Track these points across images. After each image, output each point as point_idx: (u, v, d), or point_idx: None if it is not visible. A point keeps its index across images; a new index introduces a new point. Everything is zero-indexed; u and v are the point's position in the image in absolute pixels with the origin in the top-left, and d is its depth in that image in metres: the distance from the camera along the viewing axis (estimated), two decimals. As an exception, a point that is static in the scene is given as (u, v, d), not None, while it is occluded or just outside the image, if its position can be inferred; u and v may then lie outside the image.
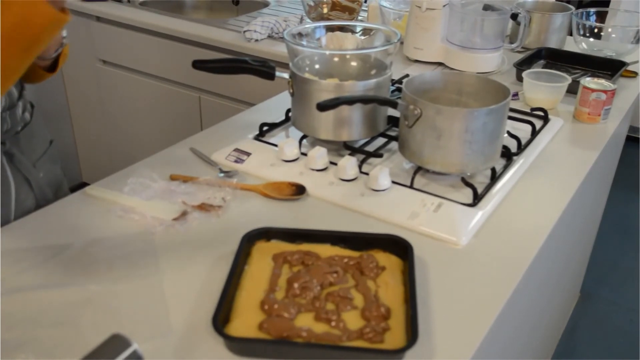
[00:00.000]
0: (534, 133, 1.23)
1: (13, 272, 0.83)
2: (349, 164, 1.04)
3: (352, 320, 0.74)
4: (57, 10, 0.77)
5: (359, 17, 2.02)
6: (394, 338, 0.71)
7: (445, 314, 0.78)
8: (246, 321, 0.73)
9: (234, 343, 0.70)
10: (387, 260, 0.84)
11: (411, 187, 1.03)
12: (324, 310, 0.74)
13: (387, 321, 0.73)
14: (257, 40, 1.88)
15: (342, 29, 1.29)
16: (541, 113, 1.31)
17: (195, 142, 1.18)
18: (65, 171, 1.19)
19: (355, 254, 0.85)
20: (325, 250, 0.86)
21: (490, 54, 1.57)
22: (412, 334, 0.69)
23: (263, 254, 0.85)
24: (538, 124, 1.28)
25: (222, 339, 0.70)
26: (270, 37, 1.92)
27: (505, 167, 1.10)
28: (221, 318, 0.71)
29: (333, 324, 0.72)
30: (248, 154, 1.12)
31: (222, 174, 1.07)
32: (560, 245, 1.23)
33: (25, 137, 1.05)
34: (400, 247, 0.85)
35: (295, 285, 0.78)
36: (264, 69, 1.14)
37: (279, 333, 0.71)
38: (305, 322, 0.73)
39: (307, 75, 1.12)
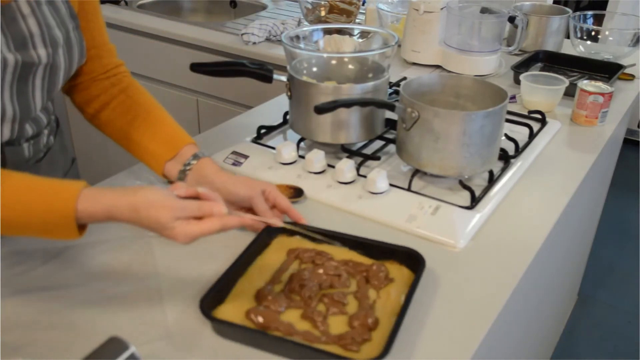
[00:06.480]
0: (532, 136, 1.23)
1: (11, 275, 0.83)
2: (346, 166, 1.04)
3: (338, 325, 0.73)
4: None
5: (357, 20, 2.02)
6: (372, 349, 0.69)
7: (443, 316, 0.78)
8: (237, 307, 0.75)
9: (216, 325, 0.72)
10: (399, 272, 0.83)
11: (409, 189, 1.03)
12: (312, 310, 0.75)
13: (371, 332, 0.72)
14: (254, 43, 1.88)
15: (339, 31, 1.29)
16: (539, 116, 1.32)
17: (193, 145, 1.18)
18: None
19: (369, 261, 0.84)
20: (341, 253, 0.86)
21: (487, 56, 1.57)
22: (385, 348, 0.66)
23: (280, 248, 0.87)
24: (535, 126, 1.28)
25: (221, 338, 0.71)
26: (268, 40, 1.92)
27: (503, 170, 1.10)
28: (213, 301, 0.74)
29: (318, 324, 0.73)
30: (246, 157, 1.12)
31: (220, 177, 1.07)
32: (558, 247, 1.23)
33: (47, 164, 0.99)
34: (413, 261, 0.83)
35: (295, 281, 0.78)
36: (261, 71, 1.14)
37: (262, 323, 0.72)
38: (291, 318, 0.74)
39: (304, 78, 1.12)
